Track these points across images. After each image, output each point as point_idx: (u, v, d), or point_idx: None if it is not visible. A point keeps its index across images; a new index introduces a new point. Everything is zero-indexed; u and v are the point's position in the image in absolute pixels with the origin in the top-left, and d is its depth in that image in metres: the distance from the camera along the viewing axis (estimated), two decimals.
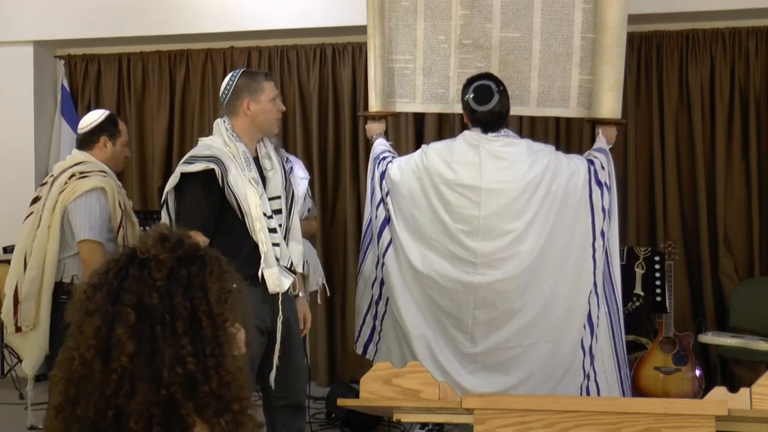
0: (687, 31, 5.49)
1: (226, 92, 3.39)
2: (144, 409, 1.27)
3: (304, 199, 4.38)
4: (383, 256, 3.90)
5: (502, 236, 3.72)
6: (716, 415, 1.86)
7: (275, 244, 3.31)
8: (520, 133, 4.59)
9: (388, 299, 3.94)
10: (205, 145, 3.35)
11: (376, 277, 3.99)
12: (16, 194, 6.11)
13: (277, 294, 3.29)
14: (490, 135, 3.80)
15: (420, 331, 3.80)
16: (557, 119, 5.46)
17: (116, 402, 1.27)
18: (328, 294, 4.68)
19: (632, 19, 5.45)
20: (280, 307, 3.30)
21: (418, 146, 5.66)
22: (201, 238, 3.00)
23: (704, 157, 5.44)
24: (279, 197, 3.39)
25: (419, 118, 5.78)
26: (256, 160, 3.40)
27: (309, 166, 5.46)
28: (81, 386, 1.28)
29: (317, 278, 4.52)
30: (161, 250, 1.38)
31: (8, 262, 5.63)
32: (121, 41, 6.10)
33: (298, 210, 4.28)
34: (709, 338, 5.01)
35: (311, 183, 5.02)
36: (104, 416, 1.26)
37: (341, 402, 2.25)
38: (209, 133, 3.44)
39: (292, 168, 4.39)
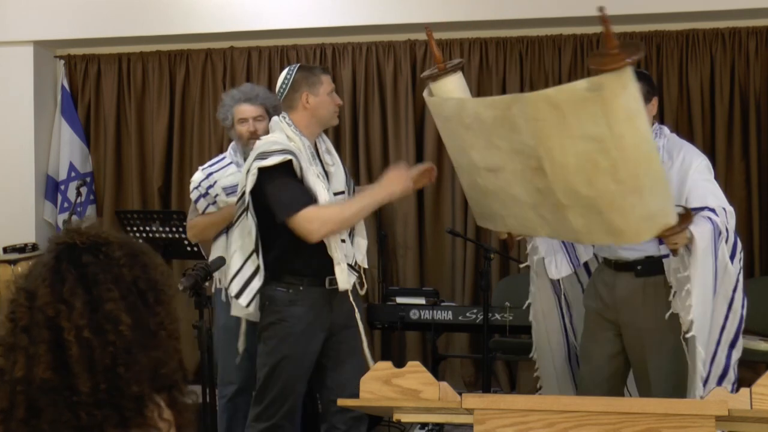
0: (687, 31, 5.49)
1: (284, 87, 3.27)
2: (143, 376, 1.33)
3: None
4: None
5: None
6: (716, 415, 1.86)
7: (342, 241, 3.22)
8: None
9: None
10: (271, 142, 3.20)
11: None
12: (16, 194, 6.13)
13: (347, 291, 3.20)
14: None
15: None
16: None
17: (114, 374, 1.31)
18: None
19: (632, 19, 5.48)
20: (354, 303, 3.22)
21: (418, 156, 5.74)
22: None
23: None
24: (343, 192, 3.29)
25: (419, 131, 5.86)
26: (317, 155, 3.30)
27: None
28: (73, 367, 1.31)
29: None
30: (103, 234, 1.41)
31: (8, 262, 5.72)
32: (121, 41, 6.10)
33: None
34: None
35: None
36: (97, 390, 1.30)
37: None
38: (209, 133, 3.40)
39: None
